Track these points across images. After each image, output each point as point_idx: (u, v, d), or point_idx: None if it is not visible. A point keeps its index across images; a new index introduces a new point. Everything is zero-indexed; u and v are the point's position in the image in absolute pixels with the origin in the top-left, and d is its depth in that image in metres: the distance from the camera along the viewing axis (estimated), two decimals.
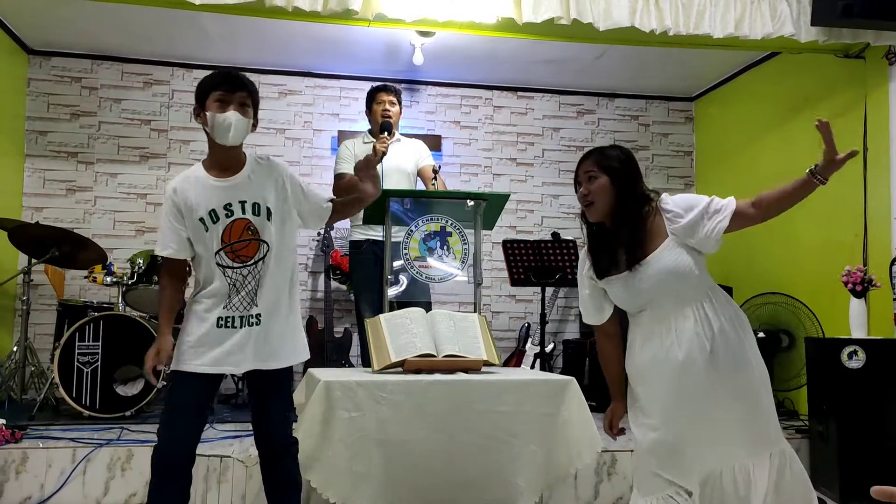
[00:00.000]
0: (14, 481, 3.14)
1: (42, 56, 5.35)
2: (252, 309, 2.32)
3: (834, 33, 3.93)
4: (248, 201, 2.33)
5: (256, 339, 2.33)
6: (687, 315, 2.18)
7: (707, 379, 2.16)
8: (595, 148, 2.38)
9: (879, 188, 4.13)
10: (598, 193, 2.26)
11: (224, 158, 2.36)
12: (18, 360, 4.24)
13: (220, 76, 2.37)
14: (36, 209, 5.26)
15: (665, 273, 2.17)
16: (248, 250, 2.32)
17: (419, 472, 2.62)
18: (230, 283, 2.31)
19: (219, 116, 2.28)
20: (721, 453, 2.17)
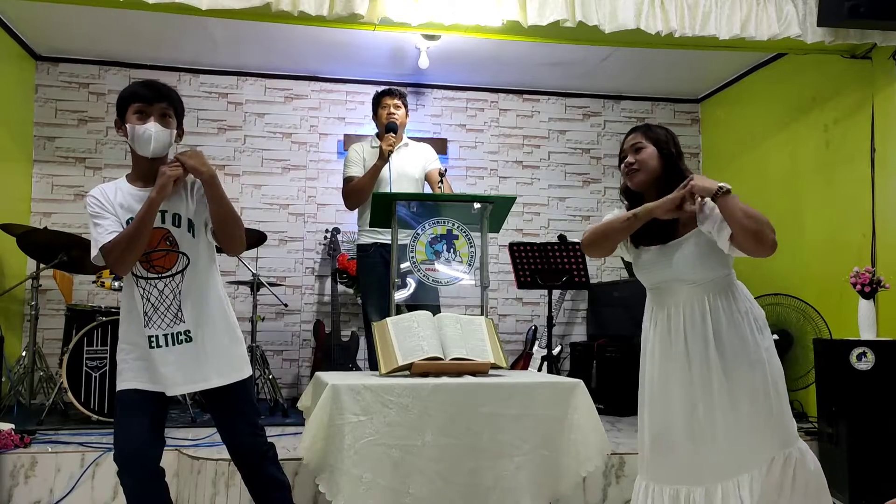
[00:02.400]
0: (23, 486, 3.15)
1: (49, 62, 5.38)
2: (178, 325, 2.26)
3: (840, 34, 3.91)
4: (169, 212, 2.28)
5: (193, 357, 2.27)
6: (701, 303, 2.22)
7: (710, 372, 2.18)
8: (642, 123, 2.42)
9: (887, 189, 4.11)
10: (643, 163, 2.33)
11: (147, 170, 2.29)
12: (27, 365, 4.26)
13: (139, 86, 2.28)
14: (44, 214, 5.28)
15: (691, 258, 2.21)
16: (166, 261, 2.26)
17: (427, 476, 2.62)
18: (144, 296, 2.24)
19: (138, 128, 2.22)
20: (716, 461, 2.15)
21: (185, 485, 3.18)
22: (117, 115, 2.30)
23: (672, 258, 2.24)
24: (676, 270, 2.24)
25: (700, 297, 2.23)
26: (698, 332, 2.20)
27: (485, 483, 2.65)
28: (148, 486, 2.26)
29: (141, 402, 2.25)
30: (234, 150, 5.53)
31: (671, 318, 2.25)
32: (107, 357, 3.80)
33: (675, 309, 2.25)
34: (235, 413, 2.39)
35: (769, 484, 2.14)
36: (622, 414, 4.60)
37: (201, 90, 5.58)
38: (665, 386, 2.25)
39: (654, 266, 2.30)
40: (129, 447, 2.23)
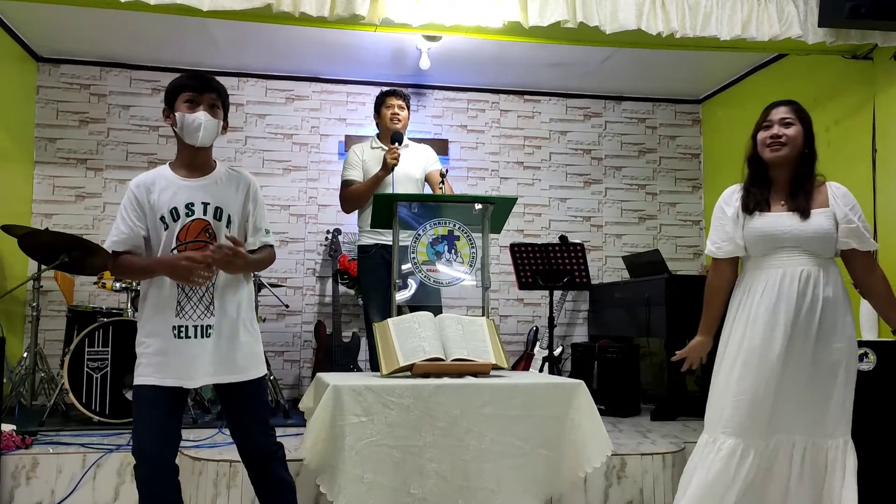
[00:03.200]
0: (25, 487, 3.15)
1: (51, 63, 5.39)
2: (208, 318, 2.27)
3: (841, 34, 3.91)
4: (211, 204, 2.30)
5: (215, 351, 2.28)
6: (813, 273, 2.44)
7: (810, 341, 2.41)
8: (788, 100, 2.58)
9: (888, 189, 4.11)
10: (792, 139, 2.49)
11: (192, 159, 2.34)
12: (28, 366, 4.26)
13: (190, 77, 2.33)
14: (45, 216, 5.29)
15: (814, 230, 2.43)
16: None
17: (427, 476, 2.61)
18: (179, 285, 2.25)
19: (188, 116, 2.26)
20: (804, 422, 2.39)
21: (187, 486, 3.17)
22: (165, 104, 2.34)
23: (800, 226, 2.44)
24: (803, 239, 2.43)
25: (815, 268, 2.44)
26: (808, 297, 2.41)
27: (486, 484, 2.65)
28: (161, 482, 2.26)
29: (158, 399, 2.25)
30: (235, 150, 5.53)
31: (783, 283, 2.43)
32: (108, 358, 3.80)
33: (787, 276, 2.44)
34: (249, 411, 2.39)
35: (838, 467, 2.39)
36: (623, 415, 4.60)
37: None
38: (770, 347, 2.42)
39: (773, 230, 2.46)
40: (145, 444, 2.24)
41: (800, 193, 2.49)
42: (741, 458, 2.40)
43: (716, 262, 2.63)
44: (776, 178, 2.55)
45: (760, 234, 2.49)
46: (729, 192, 2.64)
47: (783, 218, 2.48)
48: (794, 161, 2.52)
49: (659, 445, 3.55)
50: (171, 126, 2.33)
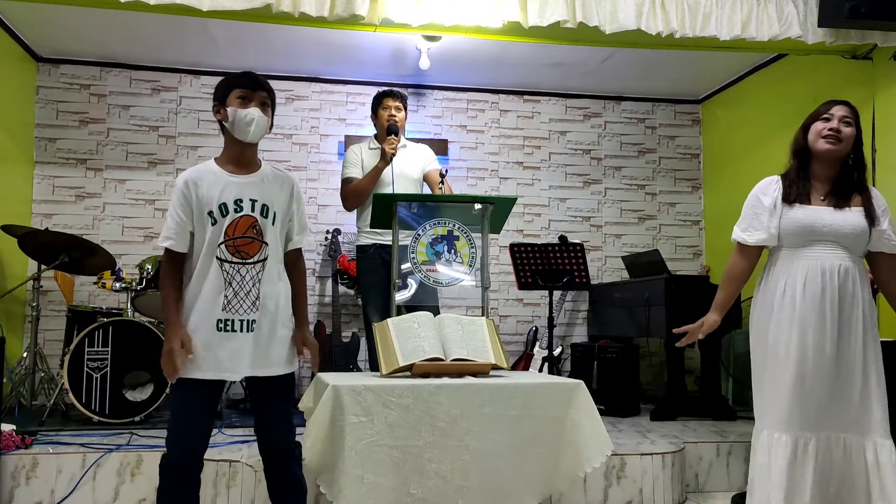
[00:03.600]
0: (24, 487, 3.15)
1: (51, 64, 5.39)
2: (253, 313, 2.31)
3: (841, 34, 3.91)
4: (259, 201, 2.34)
5: (256, 344, 2.31)
6: (850, 268, 2.49)
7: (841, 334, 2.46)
8: (846, 101, 2.65)
9: (888, 189, 4.10)
10: (848, 138, 2.56)
11: (240, 155, 2.38)
12: (28, 366, 4.26)
13: (242, 75, 2.39)
14: (45, 216, 5.29)
15: (852, 226, 2.50)
16: (250, 248, 2.31)
17: (428, 477, 2.62)
18: (227, 279, 2.28)
19: (241, 112, 2.31)
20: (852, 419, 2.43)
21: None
22: (216, 100, 2.38)
23: (839, 220, 2.49)
24: (841, 234, 2.48)
25: (851, 264, 2.50)
26: (849, 296, 2.47)
27: (486, 484, 2.65)
28: (187, 476, 2.31)
29: (199, 394, 2.28)
30: None
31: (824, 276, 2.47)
32: (108, 358, 3.81)
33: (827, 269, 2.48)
34: (277, 406, 2.41)
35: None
36: (623, 415, 4.60)
37: (202, 91, 5.58)
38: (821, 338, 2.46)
39: (812, 222, 2.50)
40: (180, 437, 2.28)
41: (842, 190, 2.55)
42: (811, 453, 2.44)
43: (742, 248, 2.65)
44: (818, 173, 2.59)
45: (799, 226, 2.51)
46: (766, 182, 2.66)
47: (823, 212, 2.52)
48: (840, 160, 2.58)
49: (658, 445, 3.55)
50: (220, 121, 2.38)
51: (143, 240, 5.41)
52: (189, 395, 2.28)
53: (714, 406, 4.51)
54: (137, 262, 4.32)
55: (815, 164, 2.59)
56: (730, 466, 3.62)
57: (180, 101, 5.56)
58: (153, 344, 3.88)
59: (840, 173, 2.58)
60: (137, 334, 3.89)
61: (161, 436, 3.52)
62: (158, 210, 5.45)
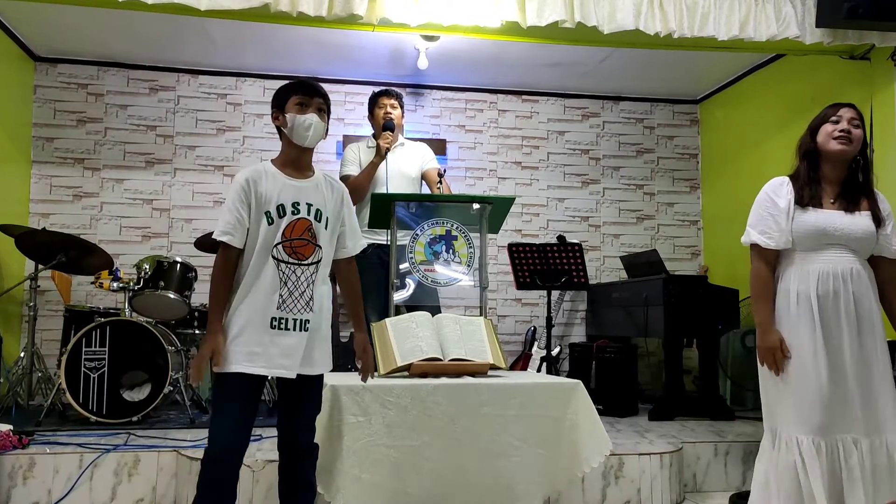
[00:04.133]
0: (21, 487, 3.14)
1: (48, 63, 5.38)
2: (307, 314, 2.35)
3: (839, 35, 3.92)
4: (314, 205, 2.40)
5: (307, 343, 2.36)
6: (862, 272, 2.50)
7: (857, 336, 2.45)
8: (852, 104, 2.64)
9: (886, 189, 4.07)
10: (857, 139, 2.56)
11: (298, 159, 2.47)
12: (25, 366, 4.25)
13: (300, 82, 2.47)
14: (43, 215, 5.28)
15: (862, 230, 2.50)
16: (305, 250, 2.37)
17: (427, 479, 2.62)
18: (282, 279, 2.33)
19: (299, 117, 2.40)
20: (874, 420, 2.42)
21: (184, 485, 3.17)
22: (274, 107, 2.46)
23: (851, 224, 2.49)
24: (853, 238, 2.49)
25: (860, 267, 2.50)
26: (865, 297, 2.48)
27: (484, 483, 2.65)
28: (230, 469, 2.32)
29: (244, 388, 2.31)
30: (232, 150, 5.53)
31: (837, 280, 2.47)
32: (105, 358, 3.80)
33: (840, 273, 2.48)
34: (306, 404, 2.42)
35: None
36: (621, 414, 4.60)
37: (200, 91, 5.58)
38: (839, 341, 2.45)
39: (825, 225, 2.50)
40: (225, 435, 2.29)
41: (851, 193, 2.55)
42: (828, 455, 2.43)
43: (765, 253, 2.58)
44: (827, 175, 2.58)
45: (813, 229, 2.50)
46: (777, 183, 2.63)
47: (835, 215, 2.51)
48: (849, 162, 2.58)
49: (657, 445, 3.55)
50: (279, 127, 2.47)
51: (140, 239, 5.41)
52: (237, 388, 2.31)
53: (712, 406, 4.51)
54: (135, 262, 4.30)
55: (825, 166, 2.58)
56: (727, 466, 3.62)
57: (178, 101, 5.56)
58: (151, 344, 3.87)
59: (847, 176, 2.58)
60: (135, 334, 3.88)
61: (158, 436, 3.53)
62: (156, 210, 5.44)
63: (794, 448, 2.45)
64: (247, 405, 2.33)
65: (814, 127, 2.63)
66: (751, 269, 2.64)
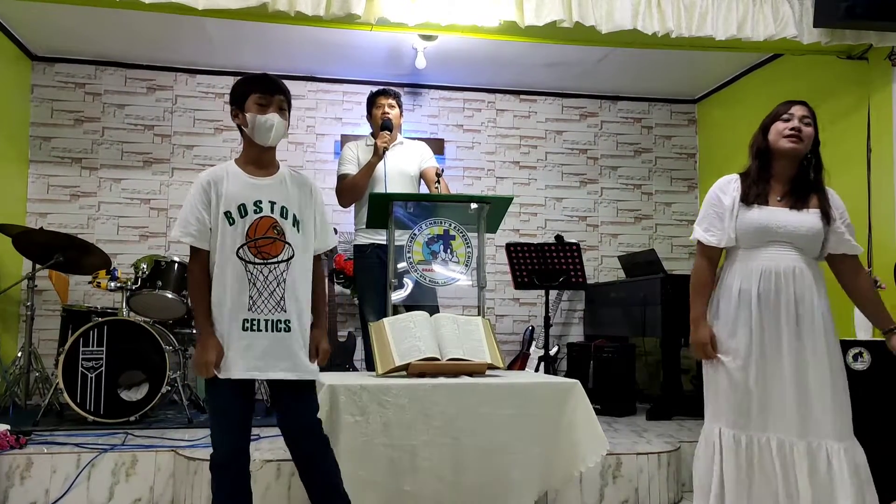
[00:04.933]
0: (19, 487, 3.14)
1: (46, 62, 5.37)
2: (279, 314, 2.32)
3: (837, 35, 3.92)
4: (278, 203, 2.37)
5: (286, 346, 2.33)
6: (805, 270, 2.47)
7: (797, 336, 2.43)
8: (804, 101, 2.63)
9: (883, 189, 4.12)
10: (809, 137, 2.55)
11: (260, 158, 2.42)
12: (23, 366, 4.25)
13: (259, 79, 2.42)
14: (40, 215, 5.27)
15: (808, 227, 2.47)
16: (272, 248, 2.34)
17: (425, 477, 2.62)
18: (250, 279, 2.31)
19: (260, 118, 2.35)
20: (809, 423, 2.39)
21: (182, 485, 3.17)
22: (233, 104, 2.42)
23: (796, 222, 2.47)
24: (796, 235, 2.47)
25: (804, 265, 2.48)
26: (808, 296, 2.45)
27: (482, 483, 2.65)
28: (238, 474, 2.33)
29: (232, 393, 2.31)
30: (230, 150, 5.53)
31: (779, 279, 2.45)
32: (103, 358, 3.79)
33: (783, 272, 2.46)
34: (302, 406, 2.41)
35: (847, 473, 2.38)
36: (619, 414, 4.61)
37: (198, 90, 5.57)
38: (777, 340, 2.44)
39: (769, 223, 2.48)
40: (224, 441, 2.31)
41: (800, 191, 2.53)
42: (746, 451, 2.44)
43: (707, 249, 2.59)
44: (778, 173, 2.58)
45: (756, 226, 2.49)
46: (725, 181, 2.64)
47: (779, 213, 2.50)
48: (800, 160, 2.56)
49: (654, 445, 3.55)
50: (238, 125, 2.42)
51: (138, 239, 5.40)
52: (223, 394, 2.31)
53: None
54: (133, 262, 4.30)
55: (776, 164, 2.58)
56: None
57: (176, 100, 5.55)
58: (148, 344, 3.86)
59: (797, 174, 2.57)
60: (132, 334, 3.87)
61: (156, 436, 3.53)
62: (154, 209, 5.44)
63: (717, 440, 2.49)
64: (237, 406, 2.32)
65: (765, 125, 2.62)
66: (693, 265, 2.66)
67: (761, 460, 2.43)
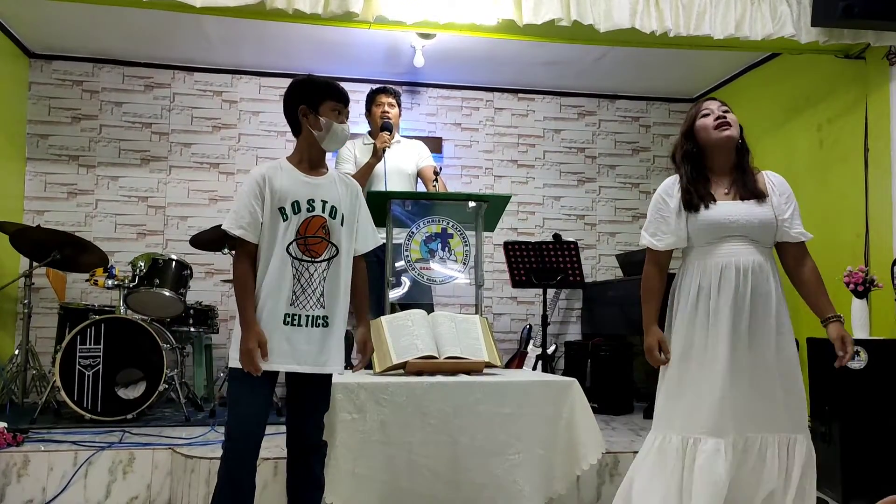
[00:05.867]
0: (16, 484, 3.14)
1: (43, 59, 5.36)
2: (319, 310, 2.37)
3: (834, 34, 3.92)
4: (329, 202, 2.42)
5: (320, 341, 2.37)
6: (763, 263, 2.42)
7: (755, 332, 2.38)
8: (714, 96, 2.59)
9: (881, 188, 4.12)
10: (735, 122, 2.48)
11: (316, 159, 2.49)
12: (20, 364, 4.24)
13: (335, 87, 2.48)
14: (37, 213, 5.27)
15: (759, 218, 2.41)
16: (319, 247, 2.38)
17: (421, 475, 2.62)
18: (296, 276, 2.35)
19: (338, 126, 2.44)
20: (762, 418, 2.36)
21: (179, 483, 3.17)
22: (304, 102, 2.43)
23: (747, 214, 2.41)
24: (749, 227, 2.41)
25: (762, 258, 2.43)
26: (763, 293, 2.39)
27: (479, 481, 2.66)
28: (250, 459, 2.34)
29: (258, 384, 2.33)
30: (228, 148, 5.52)
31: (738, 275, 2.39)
32: (100, 356, 3.79)
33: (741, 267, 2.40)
34: (317, 402, 2.44)
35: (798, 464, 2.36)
36: (616, 412, 4.61)
37: (196, 88, 5.56)
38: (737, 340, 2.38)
39: (723, 219, 2.42)
40: (241, 430, 2.33)
41: (745, 181, 2.46)
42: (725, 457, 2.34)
43: (655, 254, 2.54)
44: (715, 168, 2.50)
45: (709, 224, 2.43)
46: (669, 183, 2.58)
47: (730, 206, 2.43)
48: (734, 147, 2.49)
49: None
50: (306, 125, 2.44)
51: (135, 237, 5.39)
52: (249, 384, 2.33)
53: None
54: (130, 260, 4.29)
55: (711, 160, 2.50)
56: None
57: (173, 98, 5.54)
58: (145, 341, 3.86)
59: (735, 162, 2.50)
60: (130, 332, 3.87)
61: (153, 433, 3.53)
62: (151, 207, 5.43)
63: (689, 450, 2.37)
64: (261, 398, 2.36)
65: (686, 129, 2.55)
66: (643, 271, 2.59)
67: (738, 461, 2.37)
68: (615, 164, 6.10)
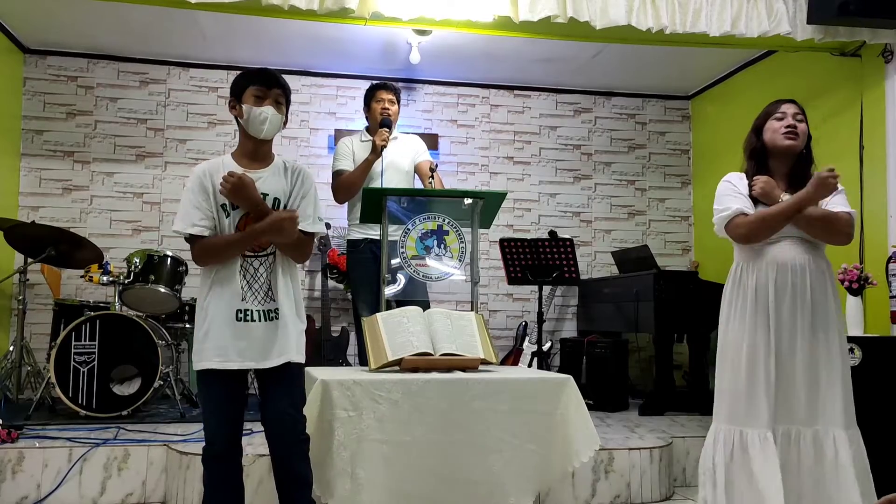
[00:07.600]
0: (10, 481, 3.13)
1: (38, 55, 5.34)
2: (270, 303, 2.36)
3: (830, 31, 3.93)
4: (270, 195, 2.38)
5: (276, 333, 2.36)
6: (818, 262, 2.51)
7: (811, 328, 2.46)
8: (794, 100, 2.66)
9: (875, 186, 4.14)
10: (802, 133, 2.59)
11: (254, 151, 2.43)
12: (14, 360, 4.23)
13: (258, 72, 2.43)
14: (32, 208, 5.25)
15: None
16: (263, 242, 2.36)
17: (417, 471, 2.62)
18: (242, 271, 2.34)
19: (255, 110, 2.36)
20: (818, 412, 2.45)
21: (174, 480, 3.17)
22: (232, 95, 2.43)
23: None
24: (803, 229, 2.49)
25: (817, 257, 2.52)
26: (821, 288, 2.48)
27: (474, 477, 2.66)
28: (229, 467, 2.35)
29: (223, 382, 2.32)
30: (223, 144, 5.51)
31: (794, 273, 2.48)
32: (95, 352, 3.78)
33: (798, 266, 2.48)
34: (283, 393, 2.40)
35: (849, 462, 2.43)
36: (612, 409, 4.62)
37: (191, 84, 5.55)
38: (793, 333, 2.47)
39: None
40: (215, 433, 2.33)
41: (799, 185, 2.54)
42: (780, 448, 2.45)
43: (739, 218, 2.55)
44: (776, 170, 2.60)
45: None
46: (737, 176, 2.66)
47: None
48: (796, 156, 2.60)
49: (646, 440, 3.56)
50: (235, 117, 2.44)
51: (130, 233, 5.38)
52: (214, 386, 2.33)
53: (702, 401, 4.53)
54: (125, 256, 4.29)
55: (773, 162, 2.61)
56: None
57: (169, 94, 5.53)
58: (141, 338, 3.85)
59: (793, 170, 2.60)
60: (125, 328, 3.86)
61: (149, 430, 3.53)
62: (146, 203, 5.42)
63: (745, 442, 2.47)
64: (229, 398, 2.34)
65: (758, 125, 2.66)
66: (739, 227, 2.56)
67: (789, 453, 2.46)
68: (611, 161, 6.11)
